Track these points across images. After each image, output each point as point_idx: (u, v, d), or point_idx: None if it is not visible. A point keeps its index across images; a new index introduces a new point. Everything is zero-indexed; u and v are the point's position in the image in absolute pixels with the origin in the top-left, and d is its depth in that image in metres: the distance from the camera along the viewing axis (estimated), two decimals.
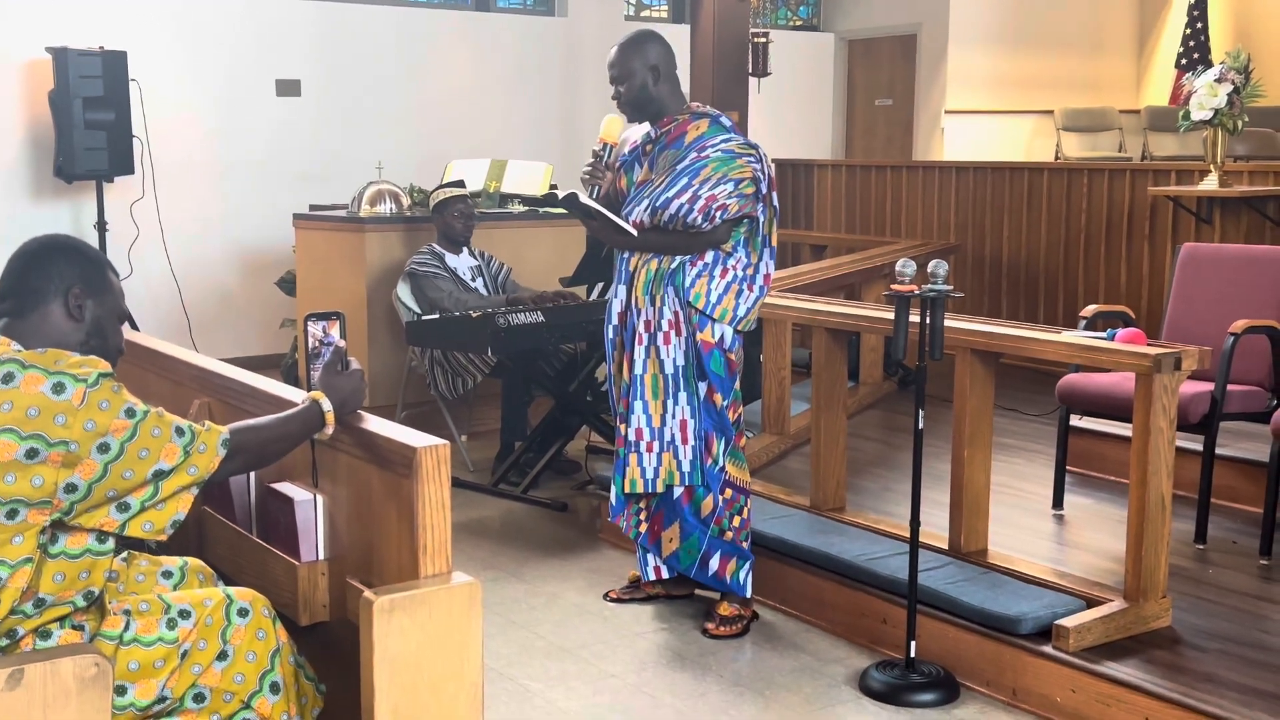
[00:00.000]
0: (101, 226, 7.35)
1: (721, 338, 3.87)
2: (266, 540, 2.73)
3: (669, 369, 3.90)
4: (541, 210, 6.98)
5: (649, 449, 3.93)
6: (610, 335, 4.05)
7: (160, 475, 2.19)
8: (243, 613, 2.40)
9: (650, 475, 3.93)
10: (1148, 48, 11.80)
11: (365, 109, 8.64)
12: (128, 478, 2.15)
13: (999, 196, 7.79)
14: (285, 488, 2.68)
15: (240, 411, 2.82)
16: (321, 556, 2.61)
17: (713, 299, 3.84)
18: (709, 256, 3.86)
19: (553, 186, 4.06)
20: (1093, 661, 3.35)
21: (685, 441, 3.90)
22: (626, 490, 3.98)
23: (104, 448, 2.12)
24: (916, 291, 3.47)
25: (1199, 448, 4.33)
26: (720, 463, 3.92)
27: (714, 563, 3.94)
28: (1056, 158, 10.58)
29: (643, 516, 4.04)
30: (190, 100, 8.00)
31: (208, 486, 2.29)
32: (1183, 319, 4.74)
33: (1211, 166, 6.33)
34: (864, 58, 11.43)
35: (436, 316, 5.51)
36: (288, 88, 8.37)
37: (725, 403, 3.90)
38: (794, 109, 10.75)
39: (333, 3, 8.79)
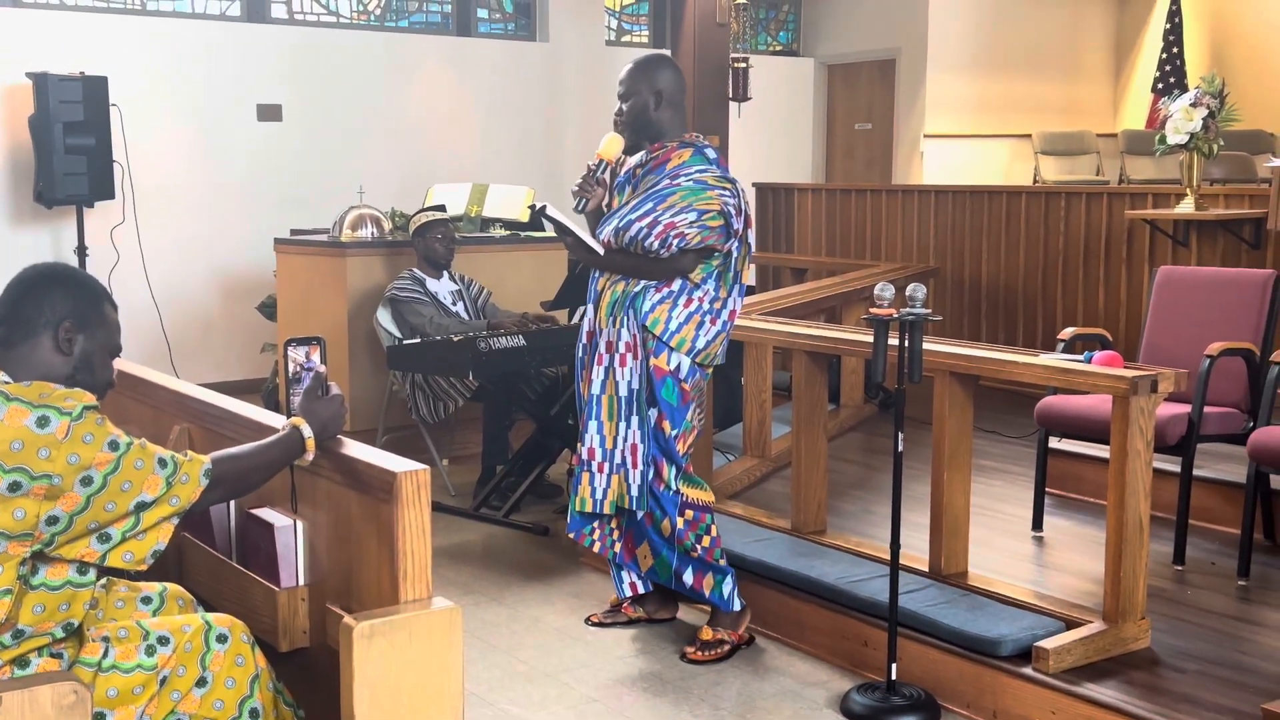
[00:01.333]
0: (82, 252, 7.34)
1: (678, 367, 3.86)
2: (246, 566, 2.72)
3: (623, 391, 3.90)
4: (523, 234, 7.00)
5: (600, 469, 3.94)
6: (579, 354, 4.06)
7: (142, 507, 2.19)
8: (222, 639, 2.39)
9: (599, 496, 3.94)
10: (1124, 72, 11.91)
11: (346, 133, 8.65)
12: (110, 510, 2.16)
13: (978, 220, 7.84)
14: (265, 513, 2.68)
15: (220, 437, 2.82)
16: (301, 582, 2.61)
17: (671, 327, 3.83)
18: (675, 285, 3.85)
19: (532, 206, 4.06)
20: (1072, 683, 3.36)
21: (635, 465, 3.90)
22: (578, 509, 3.99)
23: (87, 480, 2.12)
24: (895, 315, 3.49)
25: (1177, 469, 4.35)
26: (674, 486, 3.91)
27: (688, 577, 3.95)
28: (1035, 181, 10.64)
29: (616, 535, 4.04)
30: (171, 125, 8.00)
31: (188, 515, 2.29)
32: (1159, 341, 4.78)
33: (1188, 190, 6.39)
34: (843, 82, 11.51)
35: (418, 341, 5.51)
36: (269, 112, 8.38)
37: (674, 432, 3.88)
38: (774, 133, 10.81)
39: (314, 28, 8.82)
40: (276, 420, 2.66)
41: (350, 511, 2.48)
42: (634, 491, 3.90)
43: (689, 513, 3.92)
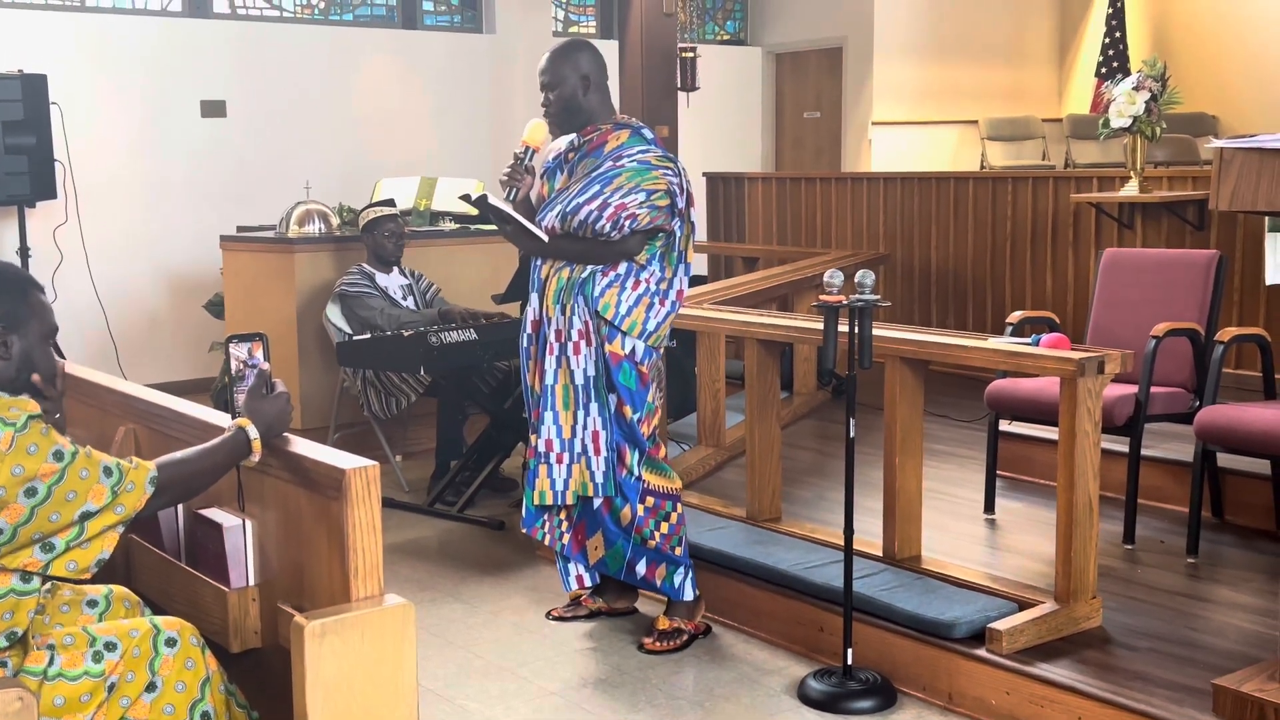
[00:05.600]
0: (24, 252, 7.23)
1: (632, 350, 3.85)
2: (195, 567, 2.70)
3: (579, 379, 3.87)
4: (473, 228, 6.96)
5: (559, 460, 3.90)
6: (524, 344, 4.03)
7: (87, 516, 2.16)
8: (170, 642, 2.36)
9: (560, 487, 3.91)
10: (1068, 57, 12.01)
11: (292, 128, 8.57)
12: (54, 520, 2.13)
13: (926, 206, 7.89)
14: (214, 513, 2.65)
15: (167, 438, 2.78)
16: (251, 582, 2.59)
17: (622, 310, 3.82)
18: (621, 268, 3.85)
19: (467, 196, 4.01)
20: (1026, 663, 3.39)
21: (598, 453, 3.87)
22: (536, 502, 3.95)
23: (31, 492, 2.09)
24: (844, 301, 3.50)
25: (1125, 449, 4.40)
26: (636, 472, 3.89)
27: (641, 568, 3.94)
28: (982, 167, 10.73)
29: (564, 527, 4.00)
30: (113, 123, 7.90)
31: (134, 522, 2.26)
32: (1106, 323, 4.82)
33: (1132, 173, 6.45)
34: (791, 71, 11.53)
35: (368, 336, 5.47)
36: (213, 108, 8.29)
37: (636, 416, 3.87)
38: (723, 123, 10.82)
39: (257, 22, 8.72)
40: (223, 420, 2.63)
41: (300, 510, 2.46)
42: (598, 479, 3.87)
43: (649, 499, 3.91)
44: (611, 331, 3.84)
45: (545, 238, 3.88)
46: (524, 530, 4.09)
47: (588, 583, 4.08)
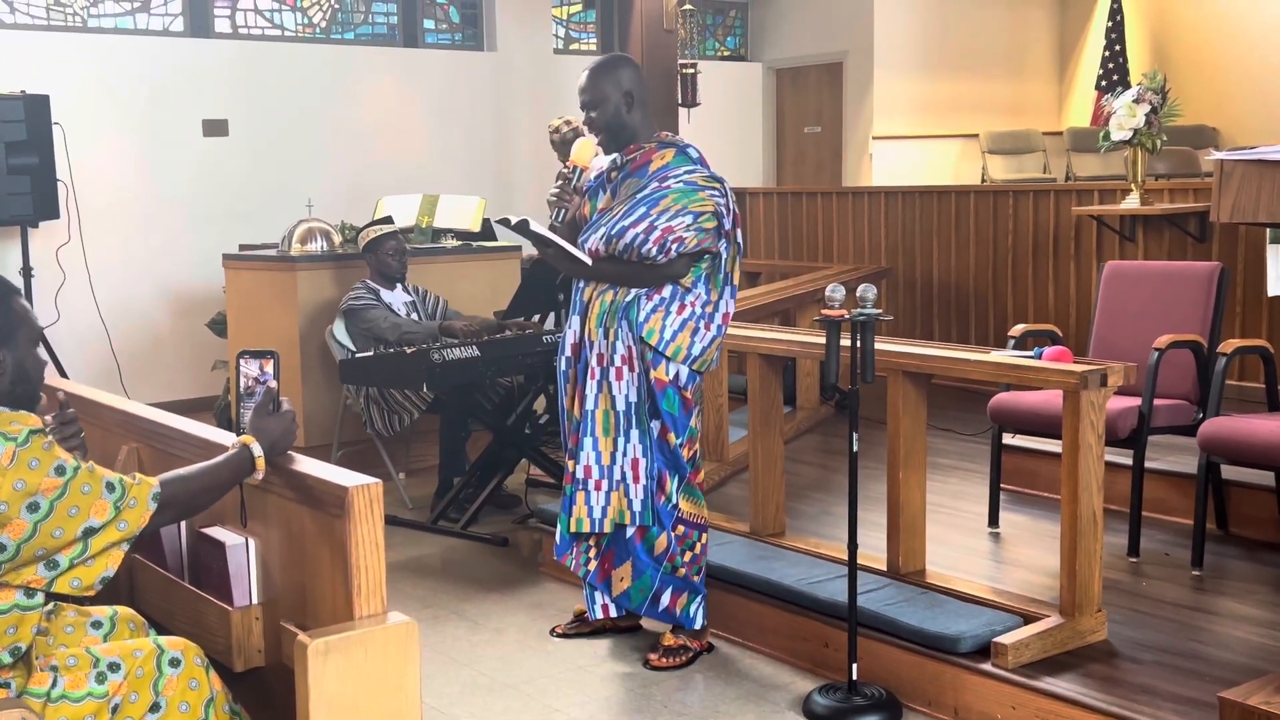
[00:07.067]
0: (27, 272, 7.23)
1: (676, 375, 3.78)
2: (199, 586, 2.69)
3: (621, 405, 3.79)
4: (475, 245, 6.97)
5: (597, 487, 3.82)
6: (563, 368, 3.93)
7: (90, 532, 2.16)
8: (174, 663, 2.36)
9: (598, 515, 3.82)
10: (1068, 71, 12.04)
11: (294, 147, 8.59)
12: (57, 536, 2.12)
13: (928, 220, 7.90)
14: (217, 532, 2.65)
15: (170, 456, 2.78)
16: (255, 601, 2.58)
17: (666, 336, 3.74)
18: (666, 291, 3.76)
19: (506, 220, 3.92)
20: (1031, 678, 3.38)
21: (637, 480, 3.79)
22: (573, 530, 3.86)
23: (34, 507, 2.09)
24: (846, 316, 3.50)
25: (1129, 462, 4.39)
26: (674, 500, 3.84)
27: (665, 598, 3.89)
28: (983, 180, 10.74)
29: (592, 554, 3.92)
30: (115, 143, 7.91)
31: (137, 540, 2.25)
32: (1108, 336, 4.82)
33: (1133, 185, 6.46)
34: (792, 86, 11.56)
35: (370, 354, 5.47)
36: (215, 128, 8.31)
37: (679, 441, 3.81)
38: (724, 138, 10.83)
39: (258, 41, 8.75)
40: (226, 438, 2.63)
41: (303, 528, 2.46)
42: (635, 507, 3.80)
43: (680, 527, 3.86)
44: (656, 357, 3.75)
45: (588, 261, 3.79)
46: (557, 558, 4.00)
47: (613, 613, 3.98)
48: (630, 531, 3.85)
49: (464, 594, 4.69)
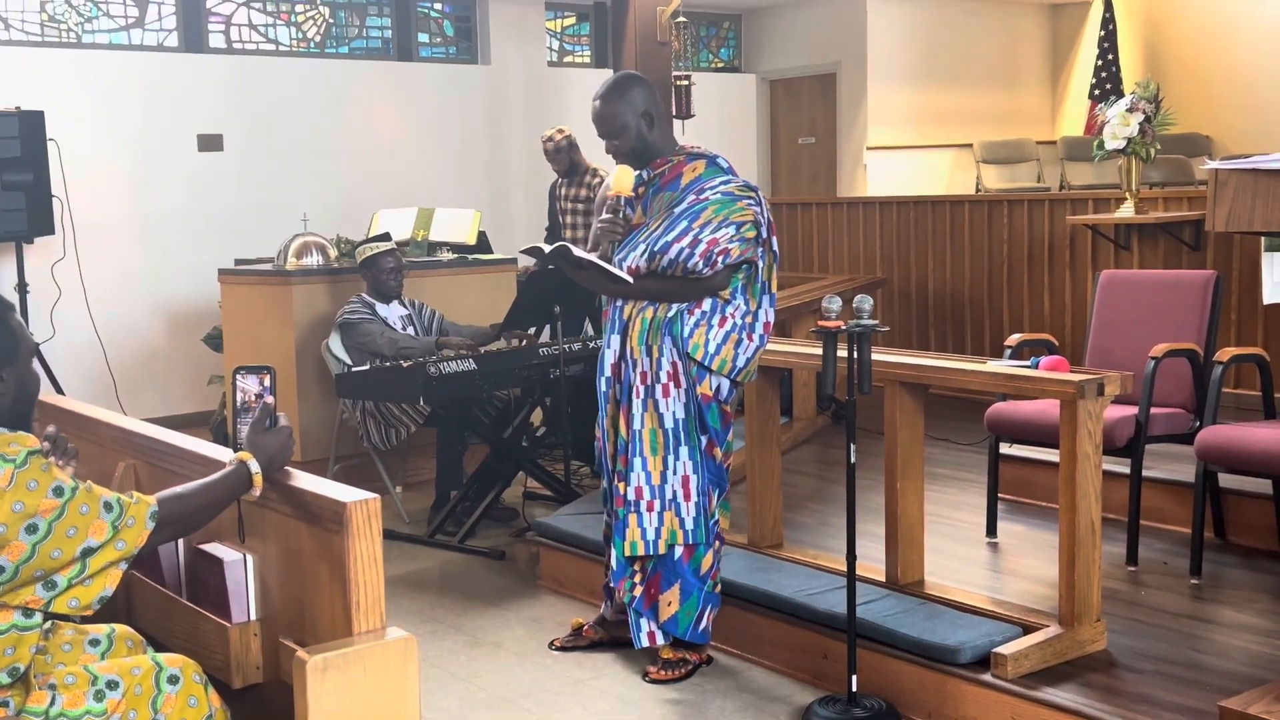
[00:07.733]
0: (22, 288, 7.23)
1: (718, 389, 3.76)
2: (197, 603, 2.69)
3: (669, 423, 3.74)
4: (471, 258, 6.98)
5: (650, 508, 3.75)
6: (603, 388, 3.88)
7: (88, 552, 2.15)
8: (173, 680, 2.35)
9: (652, 536, 3.76)
10: (1061, 80, 12.07)
11: (289, 161, 8.59)
12: (55, 557, 2.12)
13: (922, 230, 7.91)
14: (214, 548, 2.64)
15: (167, 473, 2.78)
16: (253, 617, 2.57)
17: (711, 349, 3.71)
18: (707, 304, 3.74)
19: (531, 250, 3.86)
20: (1031, 688, 3.38)
21: (688, 498, 3.75)
22: (628, 553, 3.79)
23: (32, 529, 2.08)
24: (843, 327, 3.50)
25: (1126, 471, 4.39)
26: (716, 515, 3.85)
27: (706, 618, 3.86)
28: (977, 190, 10.76)
29: (638, 580, 3.85)
30: (110, 158, 7.92)
31: (136, 559, 2.25)
32: (1104, 345, 4.82)
33: (1127, 194, 6.47)
34: (786, 97, 11.58)
35: (366, 368, 5.47)
36: (209, 142, 8.31)
37: (722, 455, 3.82)
38: (719, 150, 10.69)
39: (252, 56, 8.76)
40: (223, 454, 2.62)
41: (301, 543, 2.45)
42: (688, 525, 3.76)
43: (717, 543, 3.87)
44: (701, 372, 3.73)
45: (629, 279, 3.74)
46: (613, 585, 3.92)
47: (660, 640, 3.87)
48: (679, 552, 3.80)
49: (462, 608, 4.68)
